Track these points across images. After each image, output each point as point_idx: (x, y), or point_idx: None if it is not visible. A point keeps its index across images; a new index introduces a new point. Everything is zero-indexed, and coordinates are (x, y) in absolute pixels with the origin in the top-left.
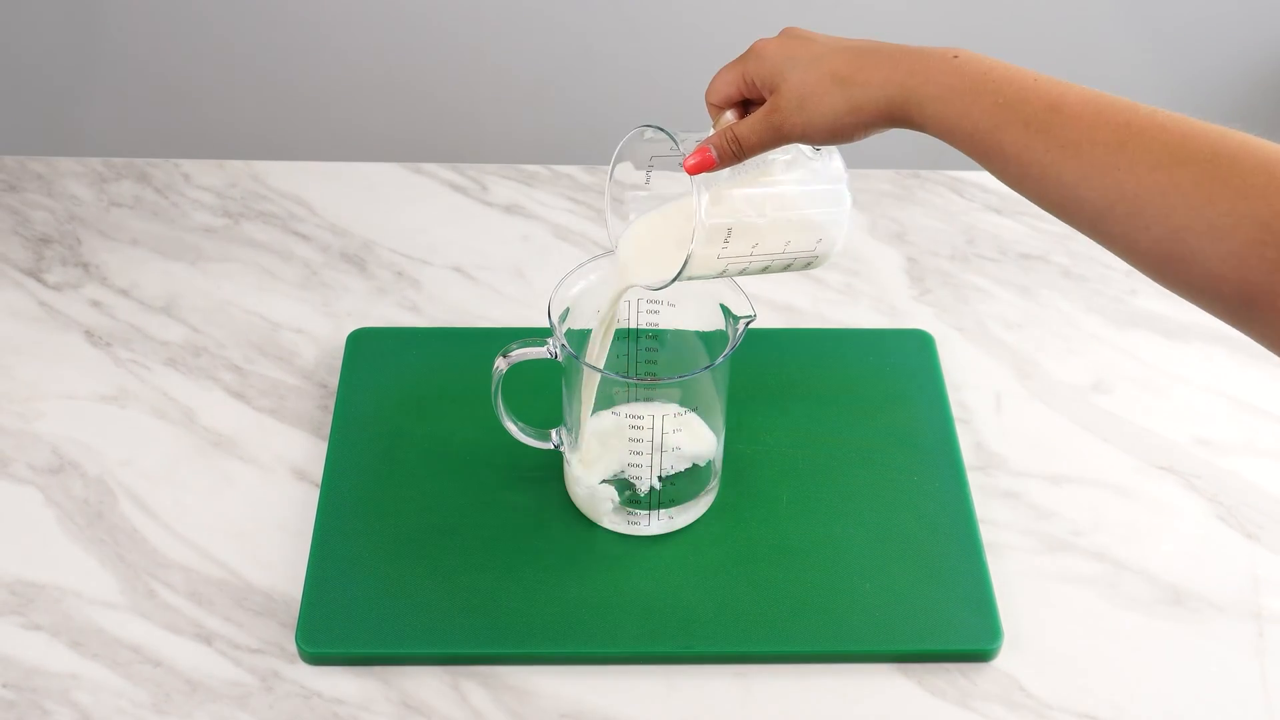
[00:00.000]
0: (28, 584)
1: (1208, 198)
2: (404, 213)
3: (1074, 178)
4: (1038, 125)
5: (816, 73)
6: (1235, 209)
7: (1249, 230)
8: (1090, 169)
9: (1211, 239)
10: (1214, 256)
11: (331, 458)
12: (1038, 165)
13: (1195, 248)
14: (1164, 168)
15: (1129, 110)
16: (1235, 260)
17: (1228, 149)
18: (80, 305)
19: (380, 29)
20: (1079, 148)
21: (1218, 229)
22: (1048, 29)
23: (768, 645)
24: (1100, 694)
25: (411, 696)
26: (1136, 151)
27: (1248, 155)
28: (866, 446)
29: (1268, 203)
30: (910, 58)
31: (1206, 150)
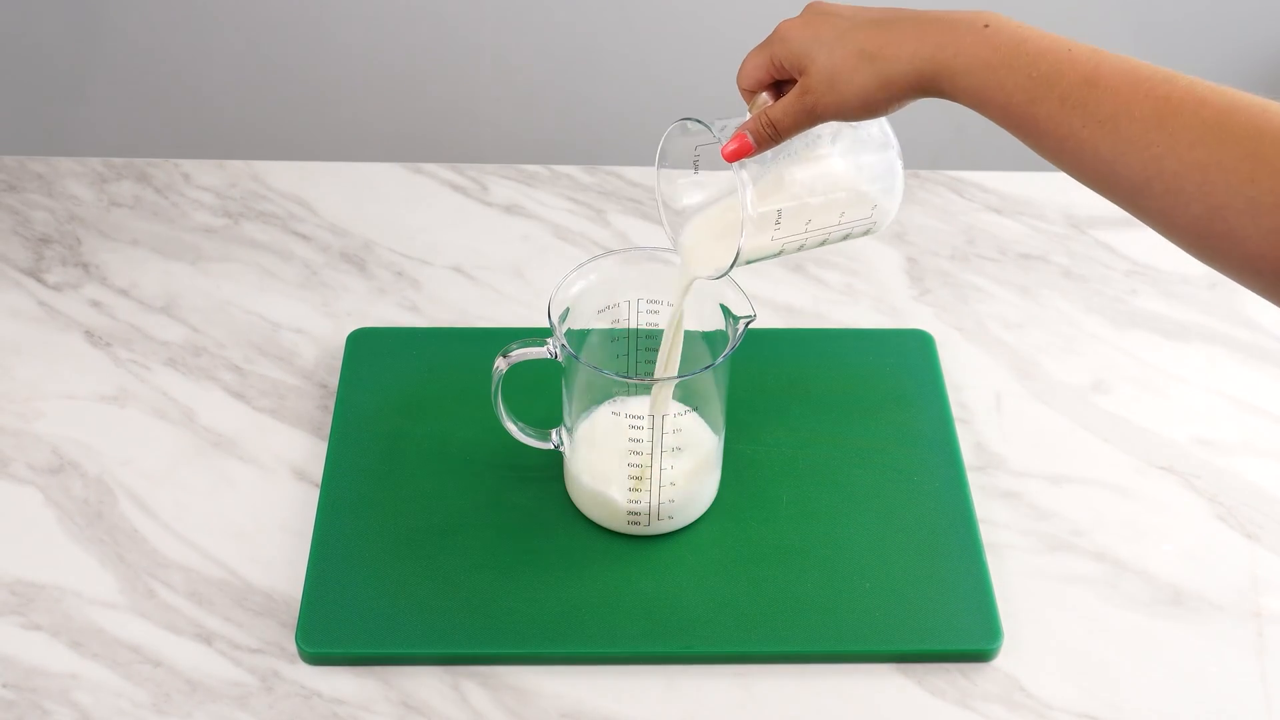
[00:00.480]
0: (28, 584)
1: (1249, 176)
2: (404, 213)
3: (1111, 154)
4: (1074, 100)
5: (843, 50)
6: (1276, 187)
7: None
8: (1128, 145)
9: (1252, 216)
10: (1254, 234)
11: (331, 458)
12: (1074, 140)
13: (1235, 225)
14: (1204, 145)
15: (1168, 83)
16: (1276, 238)
17: (1271, 125)
18: (80, 305)
19: (380, 29)
20: (1116, 123)
21: (1259, 206)
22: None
23: (768, 645)
24: (1100, 694)
25: (411, 696)
26: (1176, 128)
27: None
28: (866, 446)
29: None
30: (939, 27)
31: (1248, 127)
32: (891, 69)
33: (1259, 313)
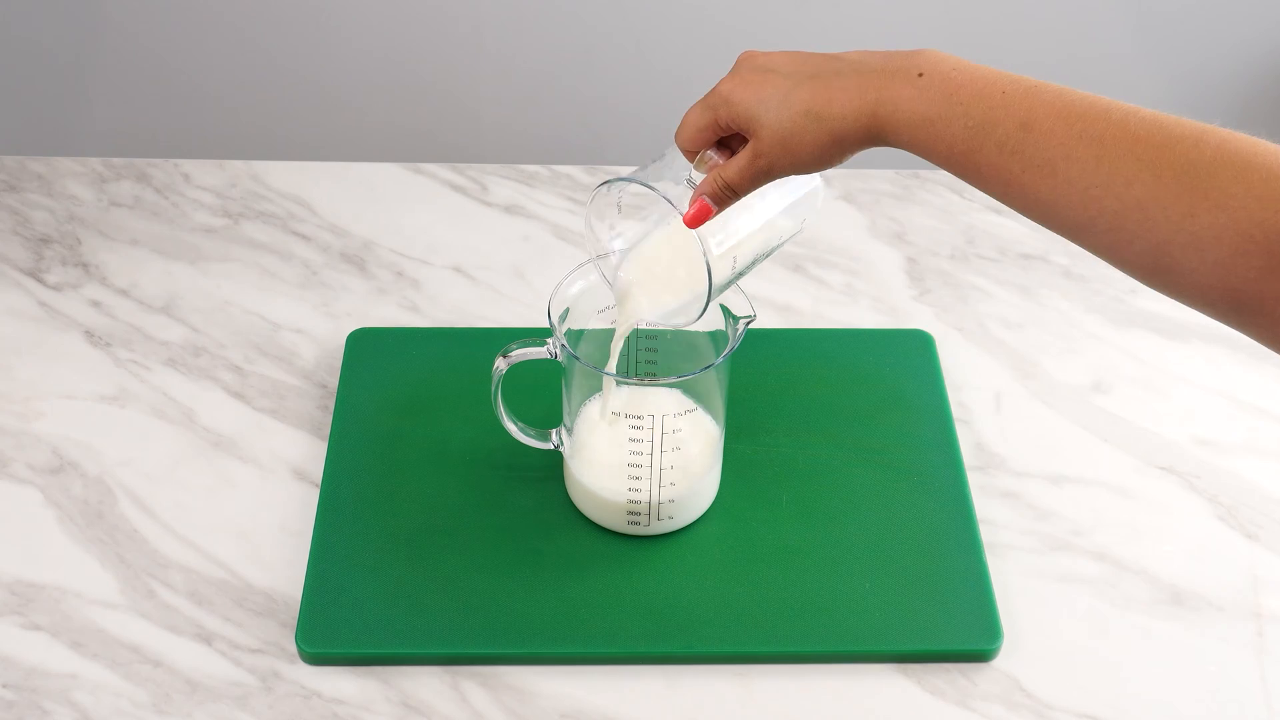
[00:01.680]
0: (27, 584)
1: (1187, 210)
2: (404, 213)
3: (1051, 196)
4: (1011, 147)
5: (789, 112)
6: (1215, 221)
7: (1231, 241)
8: (1067, 187)
9: (1195, 251)
10: (1200, 267)
11: (331, 458)
12: (1016, 184)
13: (1180, 260)
14: (1140, 182)
15: (1102, 119)
16: (1221, 270)
17: (1203, 158)
18: (80, 305)
19: (380, 29)
20: (1054, 167)
21: (1200, 241)
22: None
23: (768, 645)
24: (1100, 694)
25: (411, 697)
26: (1112, 168)
27: (1224, 163)
28: (866, 447)
29: (1247, 212)
30: (876, 80)
31: (1182, 161)
32: (838, 126)
33: None
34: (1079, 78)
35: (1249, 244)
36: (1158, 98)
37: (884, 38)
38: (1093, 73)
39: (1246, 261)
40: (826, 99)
